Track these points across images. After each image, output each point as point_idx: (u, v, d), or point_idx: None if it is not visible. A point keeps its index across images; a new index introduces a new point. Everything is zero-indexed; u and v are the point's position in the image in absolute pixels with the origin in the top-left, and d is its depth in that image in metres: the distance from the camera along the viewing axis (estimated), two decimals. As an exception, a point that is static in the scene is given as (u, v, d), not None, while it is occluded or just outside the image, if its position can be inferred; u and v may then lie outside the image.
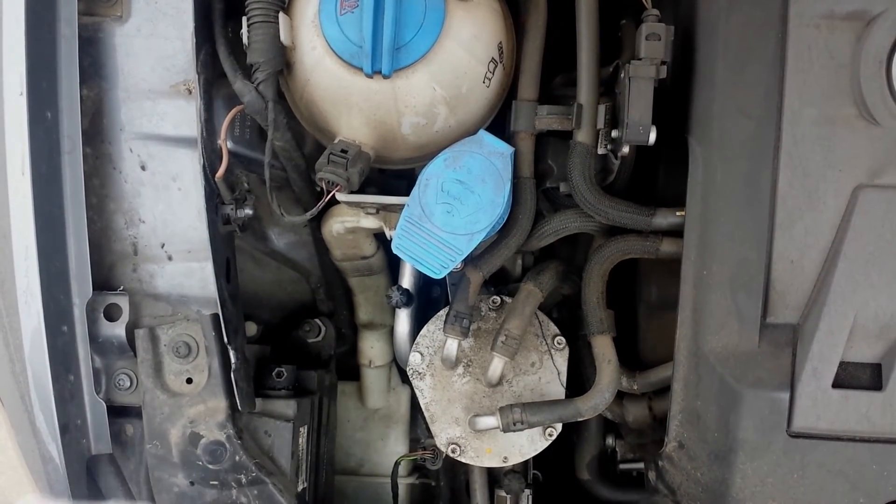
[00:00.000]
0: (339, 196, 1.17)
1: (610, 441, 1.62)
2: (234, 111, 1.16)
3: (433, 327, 1.43)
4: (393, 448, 1.80)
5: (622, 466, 1.58)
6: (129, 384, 1.21)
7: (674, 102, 1.14)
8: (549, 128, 1.23)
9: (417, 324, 1.52)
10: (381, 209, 1.30)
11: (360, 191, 1.18)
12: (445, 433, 1.39)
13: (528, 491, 1.64)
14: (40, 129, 1.10)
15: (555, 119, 1.23)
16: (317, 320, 1.60)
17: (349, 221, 1.42)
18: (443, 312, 1.42)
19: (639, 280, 1.46)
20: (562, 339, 1.40)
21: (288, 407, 1.32)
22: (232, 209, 1.22)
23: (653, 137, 1.10)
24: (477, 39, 1.11)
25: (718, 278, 1.08)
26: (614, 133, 1.17)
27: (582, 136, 1.20)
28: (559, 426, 1.38)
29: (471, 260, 1.29)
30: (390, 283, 1.67)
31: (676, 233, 1.19)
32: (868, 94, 1.00)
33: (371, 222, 1.39)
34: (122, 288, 1.20)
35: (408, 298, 1.50)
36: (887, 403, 1.03)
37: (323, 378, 1.50)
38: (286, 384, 1.36)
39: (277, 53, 1.10)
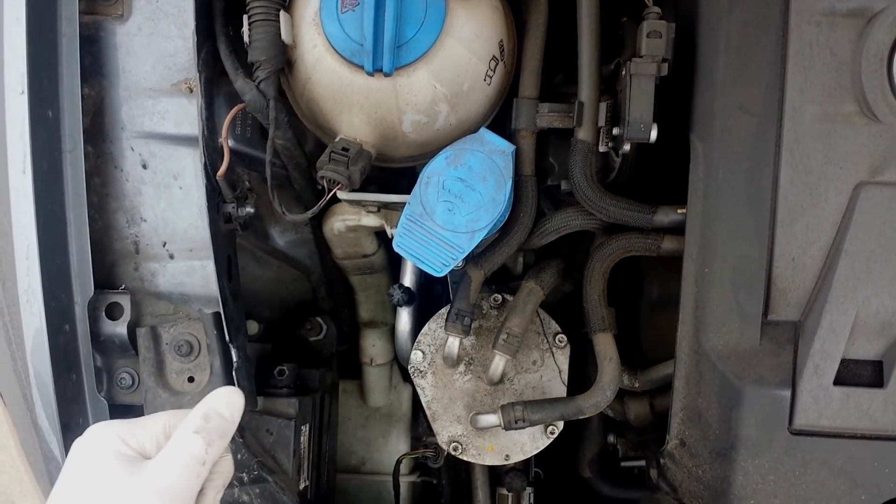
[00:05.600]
0: (341, 194, 1.17)
1: (611, 439, 1.62)
2: (235, 109, 1.16)
3: (434, 325, 1.43)
4: (394, 446, 1.80)
5: (624, 464, 1.58)
6: (130, 383, 1.21)
7: (675, 100, 1.14)
8: (550, 125, 1.23)
9: (419, 322, 1.52)
10: (383, 207, 1.30)
11: (362, 189, 1.18)
12: (447, 431, 1.40)
13: (529, 489, 1.64)
14: (41, 128, 1.10)
15: (556, 117, 1.23)
16: (318, 319, 1.60)
17: (350, 220, 1.42)
18: (444, 310, 1.42)
19: (640, 278, 1.46)
20: (563, 336, 1.41)
21: (290, 405, 1.32)
22: (233, 207, 1.22)
23: (654, 135, 1.11)
24: (478, 37, 1.11)
25: (720, 276, 1.08)
26: (615, 131, 1.17)
27: (583, 133, 1.20)
28: (561, 424, 1.38)
29: (472, 258, 1.29)
30: (391, 281, 1.67)
31: (678, 230, 1.19)
32: (869, 91, 1.00)
33: (372, 220, 1.39)
34: (123, 287, 1.20)
35: (409, 297, 1.50)
36: (889, 400, 1.03)
37: (324, 376, 1.50)
38: (288, 382, 1.36)
39: (278, 52, 1.10)
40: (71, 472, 0.80)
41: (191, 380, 1.20)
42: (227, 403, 0.88)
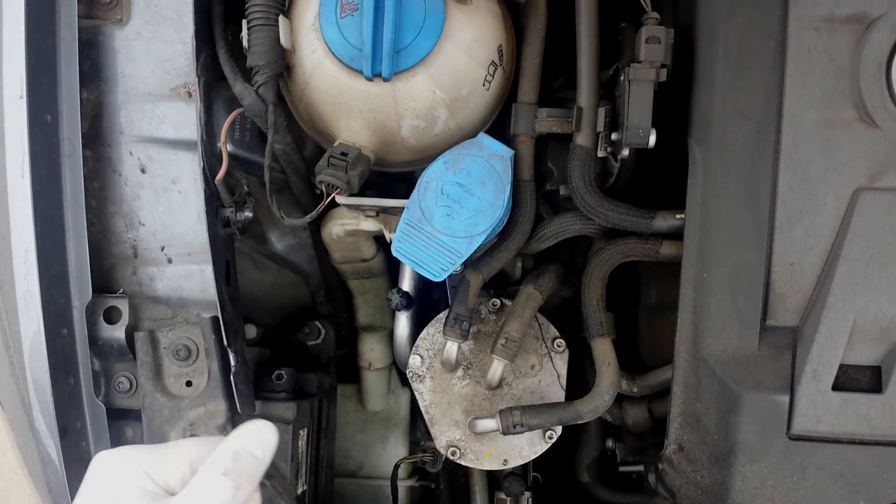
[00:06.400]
0: (339, 199, 1.17)
1: (610, 443, 1.62)
2: (234, 114, 1.16)
3: (433, 330, 1.43)
4: (392, 451, 1.79)
5: (622, 469, 1.58)
6: (128, 387, 1.21)
7: (674, 105, 1.14)
8: (548, 131, 1.23)
9: (417, 326, 1.52)
10: (381, 212, 1.30)
11: (360, 193, 1.18)
12: (445, 436, 1.39)
13: (527, 493, 1.64)
14: (40, 132, 1.10)
15: (554, 122, 1.23)
16: (316, 323, 1.60)
17: (349, 224, 1.42)
18: (442, 315, 1.42)
19: (639, 283, 1.46)
20: (562, 341, 1.41)
21: (288, 409, 1.31)
22: (232, 212, 1.22)
23: (652, 140, 1.11)
24: (477, 42, 1.11)
25: (718, 281, 1.08)
26: (614, 136, 1.17)
27: (582, 138, 1.20)
28: (559, 429, 1.38)
29: (470, 263, 1.29)
30: (390, 285, 1.67)
31: (676, 235, 1.19)
32: (868, 97, 1.00)
33: (371, 225, 1.39)
34: (121, 291, 1.20)
35: (407, 301, 1.50)
36: (887, 406, 1.03)
37: (323, 381, 1.50)
38: (286, 387, 1.36)
39: (277, 56, 1.10)
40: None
41: (189, 384, 1.20)
42: (262, 443, 0.83)
